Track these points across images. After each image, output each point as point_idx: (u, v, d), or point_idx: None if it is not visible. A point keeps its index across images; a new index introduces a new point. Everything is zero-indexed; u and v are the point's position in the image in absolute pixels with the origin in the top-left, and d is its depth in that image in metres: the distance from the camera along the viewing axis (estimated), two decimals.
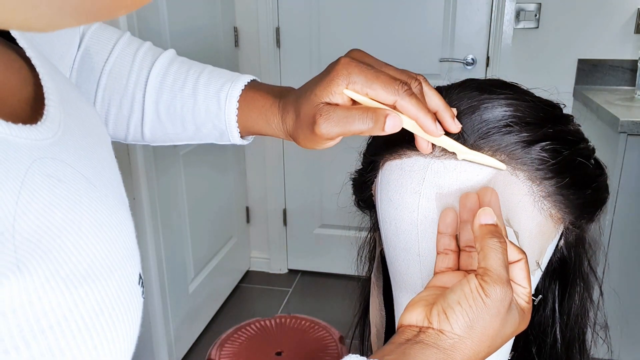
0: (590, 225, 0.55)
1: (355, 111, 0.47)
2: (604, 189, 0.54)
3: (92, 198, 0.35)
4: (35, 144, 0.32)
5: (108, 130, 0.61)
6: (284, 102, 0.55)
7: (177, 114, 0.60)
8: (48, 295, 0.28)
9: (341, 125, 0.47)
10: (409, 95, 0.46)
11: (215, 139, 0.62)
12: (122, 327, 0.33)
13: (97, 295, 0.31)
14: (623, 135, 1.66)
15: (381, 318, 0.64)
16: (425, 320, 0.43)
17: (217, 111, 0.58)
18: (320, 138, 0.49)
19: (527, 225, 0.49)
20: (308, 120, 0.50)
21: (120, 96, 0.60)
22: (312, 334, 1.66)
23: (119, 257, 0.34)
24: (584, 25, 2.09)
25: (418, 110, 0.46)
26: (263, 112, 0.57)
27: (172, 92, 0.59)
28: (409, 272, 0.54)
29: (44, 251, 0.28)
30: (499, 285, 0.41)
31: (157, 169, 1.73)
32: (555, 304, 0.57)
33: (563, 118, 0.52)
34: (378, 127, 0.46)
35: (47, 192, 0.31)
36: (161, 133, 0.62)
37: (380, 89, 0.46)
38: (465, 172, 0.48)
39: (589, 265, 0.57)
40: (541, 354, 0.57)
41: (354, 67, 0.47)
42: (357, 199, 0.61)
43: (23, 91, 0.36)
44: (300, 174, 2.45)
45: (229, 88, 0.58)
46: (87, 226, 0.32)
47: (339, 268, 2.47)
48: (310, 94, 0.49)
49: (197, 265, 2.08)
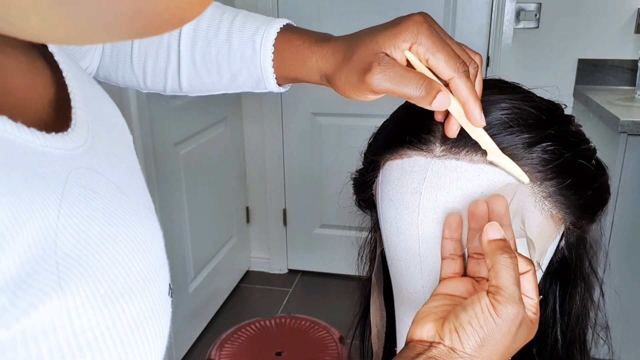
0: (591, 225, 0.55)
1: (413, 75, 0.45)
2: (605, 189, 0.54)
3: (125, 209, 0.34)
4: (69, 154, 0.31)
5: (146, 83, 0.61)
6: (326, 42, 0.52)
7: (213, 61, 0.57)
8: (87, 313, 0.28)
9: (394, 82, 0.45)
10: (466, 76, 0.45)
11: (251, 87, 0.59)
12: (155, 340, 0.33)
13: (133, 311, 0.31)
14: (623, 135, 1.66)
15: (381, 318, 0.63)
16: (437, 335, 0.43)
17: (252, 56, 0.55)
18: (367, 88, 0.47)
19: (528, 226, 0.49)
20: (361, 65, 0.47)
21: (156, 47, 0.59)
22: (312, 334, 1.66)
23: (152, 270, 0.34)
24: (584, 25, 2.09)
25: (469, 95, 0.45)
26: (300, 52, 0.53)
27: (206, 38, 0.57)
28: (410, 272, 0.53)
29: (84, 267, 0.28)
30: (511, 305, 0.41)
31: (157, 169, 1.73)
32: (556, 304, 0.57)
33: (564, 119, 0.52)
34: (427, 100, 0.45)
35: (85, 205, 0.30)
36: (198, 82, 0.60)
37: (442, 61, 0.45)
38: (466, 172, 0.48)
39: (590, 265, 0.57)
40: (542, 354, 0.56)
41: (425, 28, 0.45)
42: (358, 199, 0.61)
43: (47, 93, 0.35)
44: (300, 174, 2.45)
45: (264, 31, 0.55)
46: (122, 240, 0.32)
47: (339, 268, 2.46)
48: (371, 40, 0.47)
49: (197, 265, 2.08)
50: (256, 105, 2.39)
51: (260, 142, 2.44)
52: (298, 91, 2.33)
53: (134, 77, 0.60)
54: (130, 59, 0.59)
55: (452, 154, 0.49)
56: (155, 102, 1.71)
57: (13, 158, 0.27)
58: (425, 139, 0.50)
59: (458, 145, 0.49)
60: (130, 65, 0.59)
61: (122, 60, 0.60)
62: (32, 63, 0.35)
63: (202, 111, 2.05)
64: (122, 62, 0.60)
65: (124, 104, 1.55)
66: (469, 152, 0.48)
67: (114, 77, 0.61)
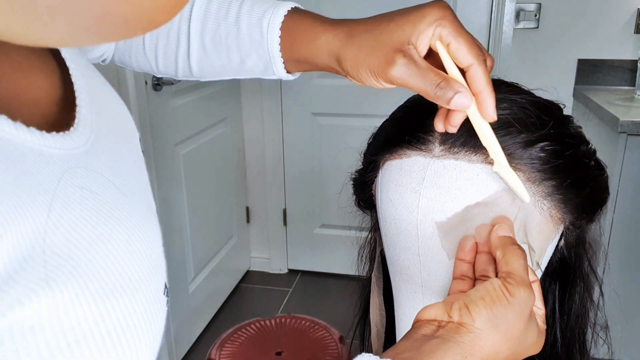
0: (590, 225, 0.55)
1: (434, 74, 0.45)
2: (604, 189, 0.54)
3: (122, 209, 0.34)
4: (68, 153, 0.32)
5: (159, 67, 0.60)
6: (339, 23, 0.51)
7: (222, 44, 0.56)
8: (76, 310, 0.28)
9: (414, 79, 0.45)
10: (484, 64, 0.45)
11: (260, 73, 0.58)
12: (147, 339, 0.33)
13: (124, 309, 0.31)
14: (623, 135, 1.66)
15: (381, 318, 0.64)
16: (445, 314, 0.41)
17: (259, 39, 0.54)
18: (386, 78, 0.46)
19: (527, 226, 0.49)
20: (384, 54, 0.46)
21: (167, 30, 0.58)
22: (312, 334, 1.66)
23: (146, 270, 0.34)
24: (584, 25, 2.09)
25: (486, 85, 0.45)
26: (310, 30, 0.51)
27: (216, 21, 0.56)
28: (409, 272, 0.54)
29: (74, 266, 0.28)
30: (523, 288, 0.41)
31: (157, 169, 1.73)
32: (556, 304, 0.57)
33: (563, 119, 0.52)
34: (444, 100, 0.45)
35: (78, 205, 0.30)
36: (208, 65, 0.59)
37: (464, 46, 0.44)
38: (464, 172, 0.48)
39: (589, 265, 0.57)
40: (541, 354, 0.57)
41: (449, 12, 0.45)
42: (357, 199, 0.61)
43: (55, 92, 0.35)
44: (300, 174, 2.45)
45: (272, 13, 0.53)
46: (116, 239, 0.32)
47: (339, 268, 2.47)
48: (395, 26, 0.46)
49: (197, 265, 2.08)
50: (256, 105, 2.39)
51: (260, 142, 2.44)
52: (298, 91, 2.33)
53: (147, 60, 0.60)
54: (143, 42, 0.59)
55: (451, 153, 0.49)
56: (156, 102, 1.71)
57: (7, 157, 0.27)
58: (424, 138, 0.50)
59: (457, 145, 0.49)
60: (142, 49, 0.59)
61: (134, 43, 0.59)
62: (43, 62, 0.35)
63: (202, 111, 2.05)
64: (135, 45, 0.59)
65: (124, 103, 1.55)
66: (468, 152, 0.48)
67: (128, 60, 0.61)
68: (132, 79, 1.55)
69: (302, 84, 2.31)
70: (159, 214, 1.53)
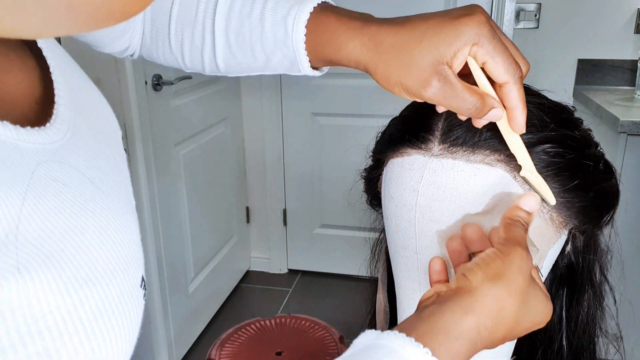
0: (598, 231, 0.54)
1: (469, 95, 0.44)
2: (611, 194, 0.53)
3: (97, 203, 0.35)
4: (43, 148, 0.32)
5: (185, 63, 0.60)
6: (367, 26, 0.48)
7: (247, 42, 0.55)
8: (47, 298, 0.28)
9: (449, 100, 0.45)
10: (520, 82, 0.45)
11: (286, 70, 0.57)
12: (121, 330, 0.33)
13: (97, 299, 0.31)
14: (623, 135, 1.66)
15: (385, 315, 0.64)
16: (444, 287, 0.42)
17: (284, 38, 0.53)
18: (419, 96, 0.45)
19: None
20: (416, 74, 0.45)
21: (192, 27, 0.57)
22: (312, 334, 1.66)
23: (121, 261, 0.35)
24: (584, 25, 2.09)
25: (519, 102, 0.45)
26: (336, 36, 0.50)
27: (240, 19, 0.55)
28: (407, 269, 0.54)
29: (46, 255, 0.29)
30: (519, 248, 0.41)
31: (157, 169, 1.73)
32: (563, 310, 0.56)
33: (570, 121, 0.52)
34: (479, 116, 0.45)
35: (53, 197, 0.31)
36: (234, 63, 0.58)
37: (501, 65, 0.44)
38: (462, 172, 0.48)
39: (600, 272, 0.57)
40: (546, 358, 0.56)
41: (487, 30, 0.43)
42: (368, 197, 0.61)
43: (35, 90, 0.36)
44: (300, 174, 2.45)
45: (296, 12, 0.51)
46: (90, 231, 0.33)
47: (339, 268, 2.46)
48: (429, 45, 0.44)
49: (197, 265, 2.08)
50: (256, 105, 2.39)
51: (260, 142, 2.44)
52: (298, 91, 2.33)
53: (173, 57, 0.60)
54: (169, 39, 0.59)
55: (449, 153, 0.49)
56: (156, 102, 1.71)
57: None
58: (424, 137, 0.50)
59: (456, 145, 0.49)
60: (168, 46, 0.59)
61: (160, 40, 0.59)
62: (22, 61, 0.36)
63: (202, 111, 2.05)
64: (162, 42, 0.59)
65: (124, 103, 1.55)
66: (467, 151, 0.48)
67: (155, 56, 0.61)
68: (132, 78, 1.55)
69: (302, 84, 2.31)
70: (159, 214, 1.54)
